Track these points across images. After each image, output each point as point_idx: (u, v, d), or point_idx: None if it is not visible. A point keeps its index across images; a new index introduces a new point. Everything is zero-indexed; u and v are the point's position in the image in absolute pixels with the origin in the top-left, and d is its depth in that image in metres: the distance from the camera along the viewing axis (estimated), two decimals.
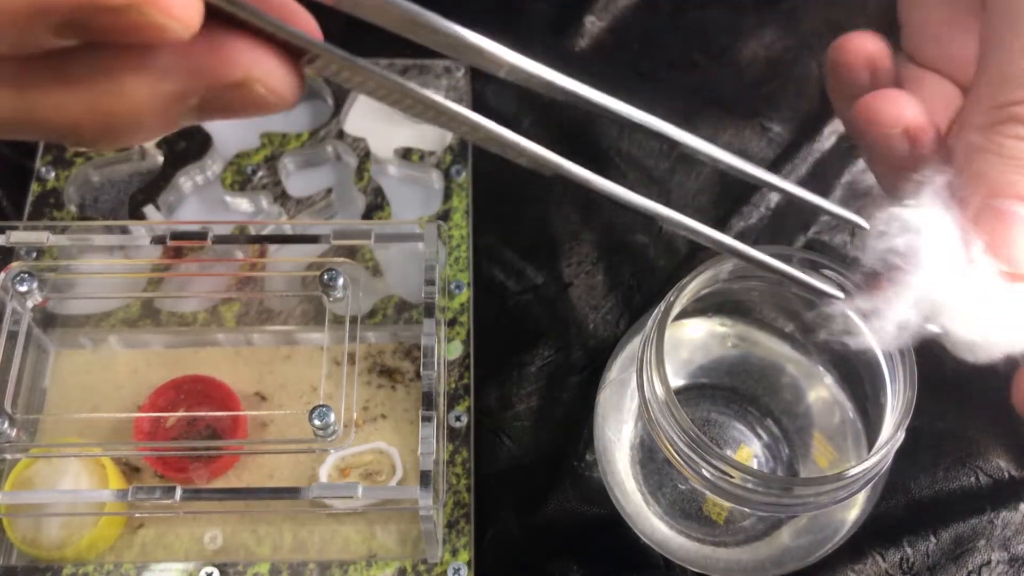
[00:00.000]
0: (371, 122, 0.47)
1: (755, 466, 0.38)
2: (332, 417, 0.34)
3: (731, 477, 0.30)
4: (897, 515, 0.39)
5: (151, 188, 0.44)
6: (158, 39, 0.17)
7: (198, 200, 0.46)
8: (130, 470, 0.39)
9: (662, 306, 0.32)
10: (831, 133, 0.46)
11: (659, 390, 0.30)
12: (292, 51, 0.19)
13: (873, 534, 0.38)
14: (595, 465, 0.38)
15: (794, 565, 0.35)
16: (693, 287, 0.32)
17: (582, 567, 0.38)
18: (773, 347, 0.39)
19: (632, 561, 0.38)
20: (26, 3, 0.16)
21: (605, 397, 0.37)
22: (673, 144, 0.24)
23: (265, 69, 0.19)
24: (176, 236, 0.39)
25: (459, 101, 0.47)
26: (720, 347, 0.39)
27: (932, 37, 0.29)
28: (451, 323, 0.42)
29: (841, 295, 0.28)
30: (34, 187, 0.44)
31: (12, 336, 0.37)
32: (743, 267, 0.33)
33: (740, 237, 0.43)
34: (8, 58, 0.18)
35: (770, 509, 0.31)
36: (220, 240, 0.39)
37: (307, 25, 0.20)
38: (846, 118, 0.29)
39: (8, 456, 0.37)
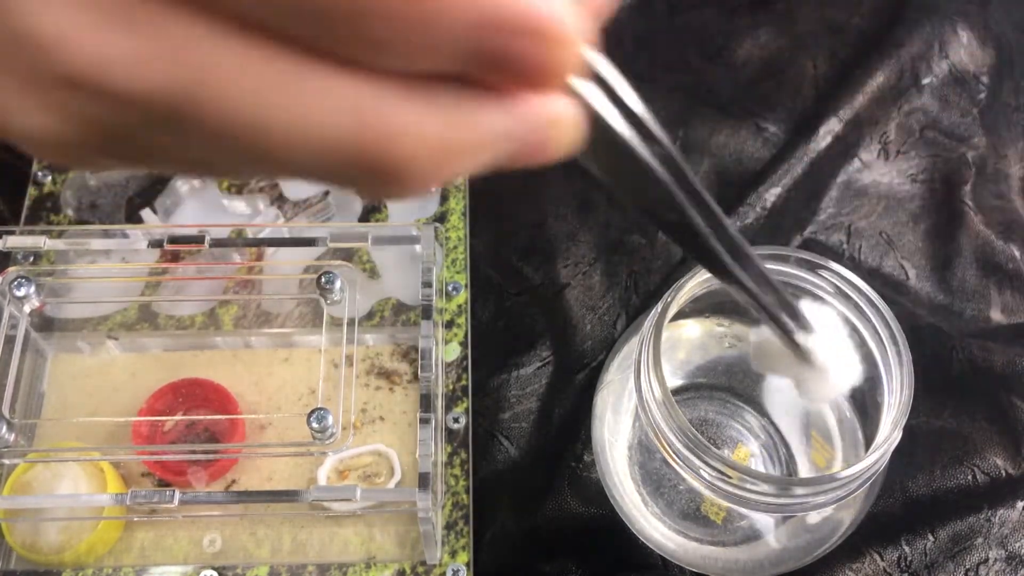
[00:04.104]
0: None
1: (753, 466, 0.38)
2: (330, 419, 0.34)
3: (729, 477, 0.30)
4: (895, 514, 0.39)
5: (148, 192, 0.44)
6: (539, 79, 0.14)
7: (195, 203, 0.46)
8: (128, 473, 0.39)
9: (659, 307, 0.32)
10: (827, 133, 0.46)
11: (656, 390, 0.30)
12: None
13: (871, 533, 0.38)
14: (593, 466, 0.39)
15: (792, 564, 0.35)
16: (690, 288, 0.32)
17: (580, 567, 0.38)
18: None
19: (630, 561, 0.38)
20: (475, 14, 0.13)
21: (603, 398, 0.37)
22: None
23: (565, 105, 0.16)
24: (173, 240, 0.39)
25: None
26: (717, 347, 0.39)
27: None
28: (449, 325, 0.42)
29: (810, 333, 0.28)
30: (31, 191, 0.44)
31: (10, 340, 0.37)
32: None
33: None
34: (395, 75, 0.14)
35: (768, 509, 0.31)
36: (217, 243, 0.39)
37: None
38: None
39: (6, 461, 0.37)
